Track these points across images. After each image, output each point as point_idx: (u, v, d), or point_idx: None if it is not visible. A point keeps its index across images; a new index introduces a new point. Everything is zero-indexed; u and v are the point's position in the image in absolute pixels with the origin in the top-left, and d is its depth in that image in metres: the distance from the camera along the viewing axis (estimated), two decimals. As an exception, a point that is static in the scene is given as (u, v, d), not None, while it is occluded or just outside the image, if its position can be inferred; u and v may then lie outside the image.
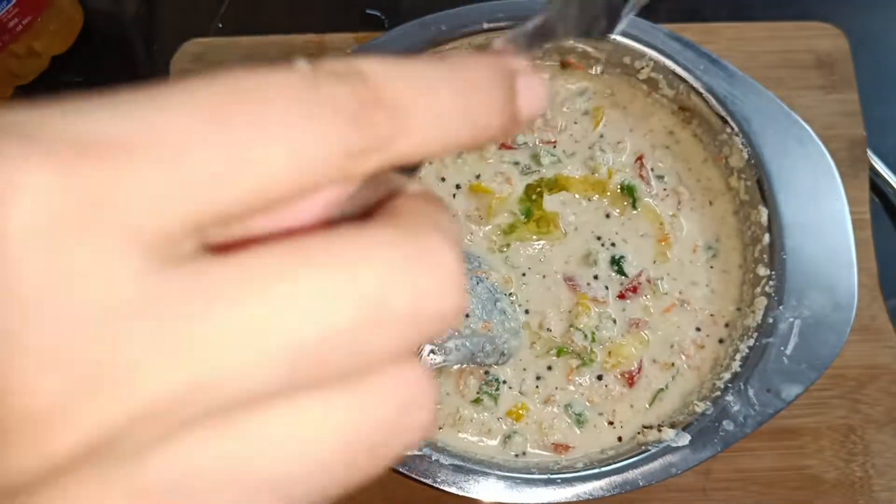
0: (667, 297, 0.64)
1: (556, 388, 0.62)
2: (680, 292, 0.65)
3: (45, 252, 0.14)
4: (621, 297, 0.64)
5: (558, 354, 0.63)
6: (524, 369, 0.62)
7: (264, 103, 0.16)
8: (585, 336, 0.62)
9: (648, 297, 0.64)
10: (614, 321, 0.64)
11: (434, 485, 0.55)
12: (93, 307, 0.14)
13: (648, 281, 0.64)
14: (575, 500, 0.55)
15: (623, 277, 0.64)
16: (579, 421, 0.61)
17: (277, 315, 0.15)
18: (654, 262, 0.65)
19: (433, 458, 0.55)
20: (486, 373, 0.62)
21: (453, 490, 0.55)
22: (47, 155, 0.14)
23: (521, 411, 0.61)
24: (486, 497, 0.55)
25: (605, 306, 0.64)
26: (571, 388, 0.62)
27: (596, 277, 0.65)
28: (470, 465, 0.56)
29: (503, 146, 0.68)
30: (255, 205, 0.16)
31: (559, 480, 0.55)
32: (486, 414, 0.61)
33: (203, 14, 0.82)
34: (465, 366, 0.61)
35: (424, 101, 0.18)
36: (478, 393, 0.61)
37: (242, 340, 0.15)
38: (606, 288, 0.64)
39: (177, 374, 0.15)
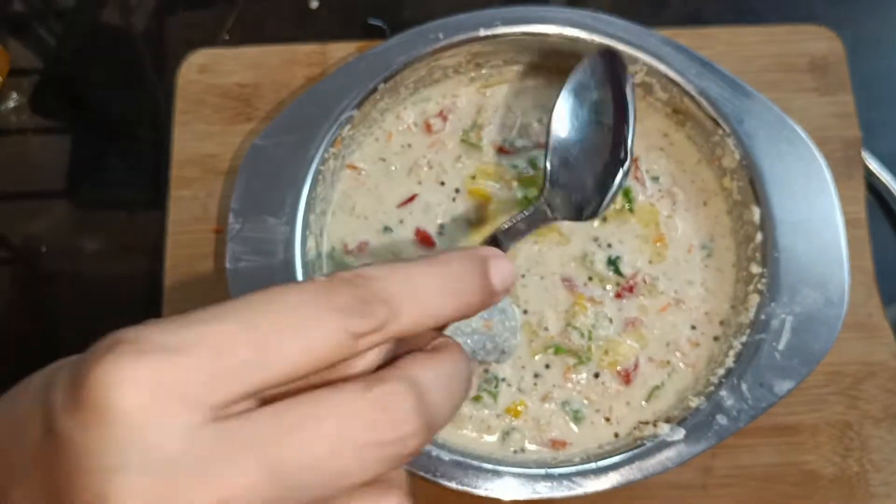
0: (662, 297, 0.66)
1: (554, 386, 0.63)
2: (675, 291, 0.66)
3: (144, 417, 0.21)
4: (618, 296, 0.65)
5: (556, 353, 0.64)
6: (523, 367, 0.64)
7: (283, 311, 0.23)
8: (582, 335, 0.64)
9: (644, 296, 0.65)
10: (611, 320, 0.65)
11: (434, 479, 0.56)
12: (168, 453, 0.21)
13: (644, 281, 0.65)
14: (573, 495, 0.56)
15: (619, 277, 0.66)
16: (576, 417, 0.62)
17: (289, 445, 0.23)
18: (650, 262, 0.66)
19: (433, 454, 0.56)
20: (486, 370, 0.63)
21: (453, 485, 0.56)
22: (139, 353, 0.22)
23: (519, 408, 0.63)
24: (487, 492, 0.56)
25: (602, 306, 0.65)
26: (569, 385, 0.63)
27: (591, 279, 0.66)
28: (469, 461, 0.57)
29: (501, 150, 0.69)
30: (284, 379, 0.23)
31: (557, 475, 0.56)
32: (485, 411, 0.62)
33: (210, 27, 0.84)
34: None
35: (413, 293, 0.25)
36: (477, 390, 0.63)
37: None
38: (604, 288, 0.66)
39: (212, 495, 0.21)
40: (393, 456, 0.24)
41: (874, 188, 0.78)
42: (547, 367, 0.64)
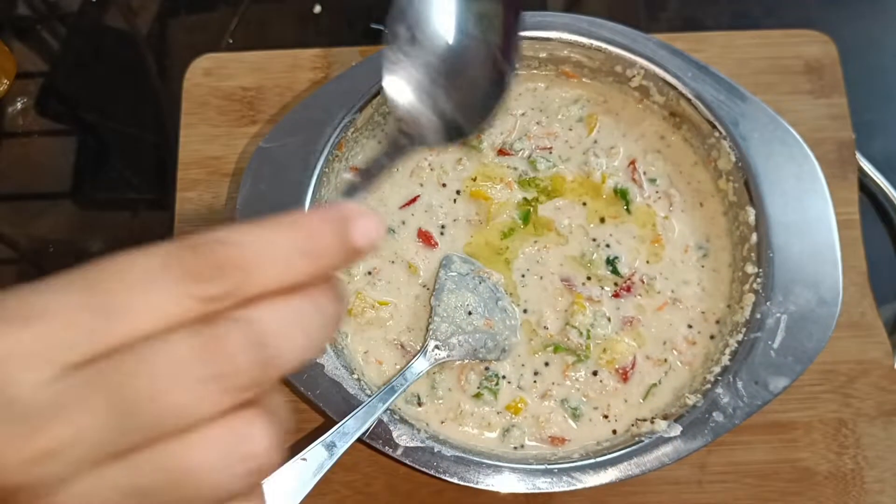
0: (660, 296, 0.67)
1: (553, 384, 0.64)
2: (672, 291, 0.67)
3: None
4: (616, 295, 0.67)
5: (555, 351, 0.65)
6: (522, 365, 0.65)
7: (128, 279, 0.25)
8: (581, 333, 0.65)
9: (642, 295, 0.67)
10: (609, 319, 0.66)
11: (436, 475, 0.57)
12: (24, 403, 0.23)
13: (642, 280, 0.67)
14: (572, 490, 0.57)
15: (617, 277, 0.67)
16: (575, 415, 0.63)
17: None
18: (648, 262, 0.68)
19: (435, 450, 0.58)
20: (486, 368, 0.64)
21: (455, 480, 0.57)
22: None
23: (519, 405, 0.64)
24: (487, 487, 0.57)
25: (600, 305, 0.66)
26: (568, 383, 0.64)
27: (589, 278, 0.67)
28: (470, 457, 0.58)
29: (501, 152, 0.71)
30: (129, 341, 0.24)
31: (556, 470, 0.57)
32: (486, 408, 0.64)
33: (213, 32, 0.85)
34: (466, 361, 0.64)
35: (264, 256, 0.26)
36: (478, 388, 0.64)
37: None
38: (602, 288, 0.67)
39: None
40: (232, 388, 0.25)
41: (867, 189, 0.79)
42: (546, 364, 0.65)
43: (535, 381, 0.65)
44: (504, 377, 0.64)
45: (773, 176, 0.64)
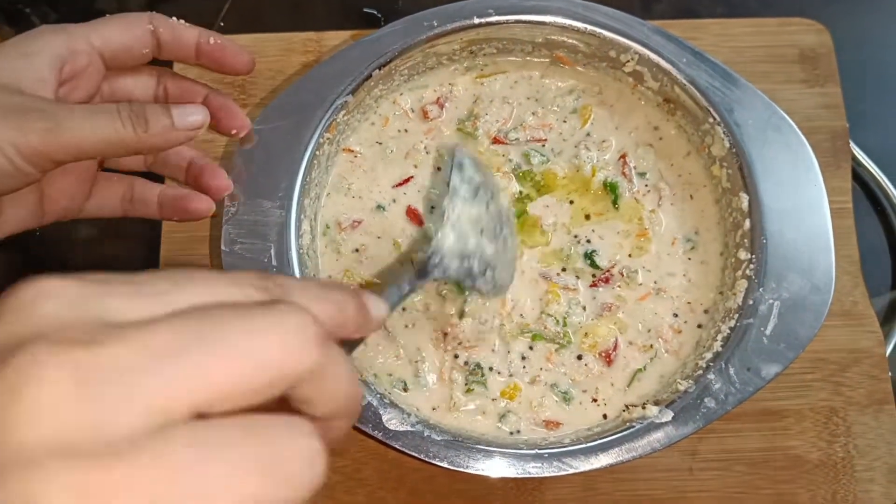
0: (641, 287, 0.67)
1: (541, 369, 0.64)
2: (655, 282, 0.67)
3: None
4: (593, 286, 0.66)
5: (533, 339, 0.65)
6: (508, 352, 0.65)
7: (208, 288, 0.29)
8: (557, 321, 0.65)
9: (621, 287, 0.66)
10: (584, 308, 0.66)
11: (426, 459, 0.57)
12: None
13: (622, 273, 0.67)
14: (562, 474, 0.57)
15: (595, 269, 0.67)
16: (566, 398, 0.63)
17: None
18: (630, 255, 0.68)
19: (425, 434, 0.57)
20: (466, 363, 0.64)
21: (445, 465, 0.57)
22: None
23: (514, 392, 0.64)
24: (478, 472, 0.57)
25: (576, 293, 0.66)
26: (553, 367, 0.64)
27: (564, 269, 0.67)
28: (461, 441, 0.58)
29: (496, 140, 0.70)
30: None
31: (546, 455, 0.57)
32: (479, 400, 0.63)
33: (205, 16, 0.85)
34: (446, 286, 0.64)
35: (301, 290, 0.31)
36: (466, 384, 0.64)
37: None
38: (577, 278, 0.67)
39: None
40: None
41: (861, 179, 0.79)
42: (531, 349, 0.65)
43: (524, 367, 0.64)
44: (491, 368, 0.64)
45: (768, 163, 0.63)
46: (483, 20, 0.67)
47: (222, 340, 0.26)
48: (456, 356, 0.64)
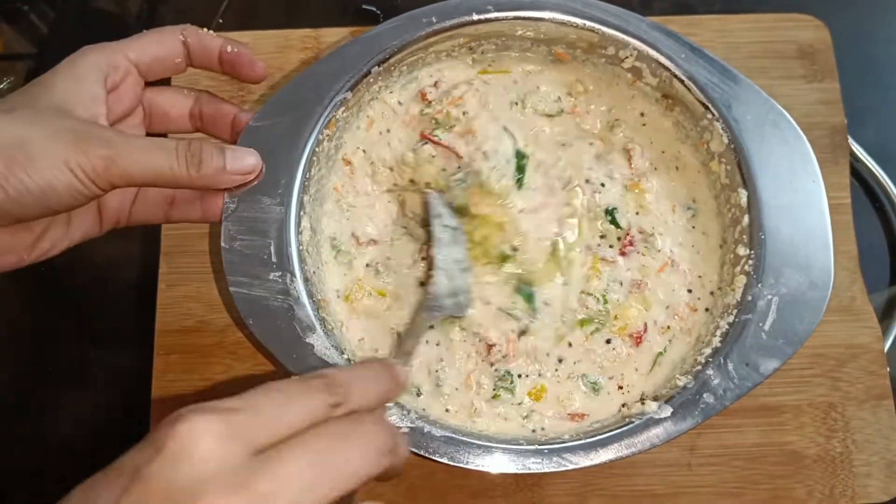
0: (660, 255, 0.67)
1: (575, 363, 0.65)
2: (671, 250, 0.67)
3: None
4: (622, 253, 0.67)
5: (581, 325, 0.66)
6: (547, 354, 0.65)
7: (289, 395, 0.39)
8: (598, 300, 0.66)
9: (643, 253, 0.67)
10: (620, 283, 0.67)
11: (426, 455, 0.57)
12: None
13: (641, 233, 0.68)
14: (562, 469, 0.57)
15: (618, 229, 0.68)
16: (594, 388, 0.64)
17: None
18: (637, 213, 0.68)
19: (425, 430, 0.57)
20: (496, 370, 0.64)
21: (444, 461, 0.57)
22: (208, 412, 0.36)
23: (540, 393, 0.64)
24: (477, 467, 0.57)
25: (613, 267, 0.67)
26: (586, 355, 0.65)
27: (603, 237, 0.68)
28: (461, 437, 0.58)
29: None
30: (296, 430, 0.38)
31: (546, 451, 0.57)
32: (503, 407, 0.64)
33: (203, 13, 0.85)
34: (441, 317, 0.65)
35: (356, 383, 0.42)
36: (494, 391, 0.64)
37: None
38: (610, 246, 0.68)
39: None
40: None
41: (859, 174, 0.80)
42: (570, 345, 0.66)
43: (556, 369, 0.65)
44: (520, 375, 0.65)
45: (766, 158, 0.63)
46: (482, 17, 0.67)
47: (336, 470, 0.37)
48: (492, 364, 0.65)
